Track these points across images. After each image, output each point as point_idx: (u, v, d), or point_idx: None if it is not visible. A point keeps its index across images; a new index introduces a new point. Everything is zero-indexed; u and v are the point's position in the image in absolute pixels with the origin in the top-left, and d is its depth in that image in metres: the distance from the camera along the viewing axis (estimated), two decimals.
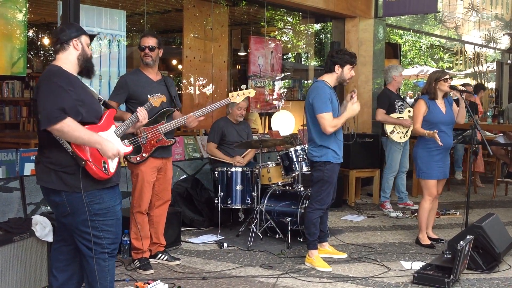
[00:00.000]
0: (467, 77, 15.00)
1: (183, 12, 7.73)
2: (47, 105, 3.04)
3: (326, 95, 4.74)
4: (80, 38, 3.31)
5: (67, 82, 3.15)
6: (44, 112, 3.04)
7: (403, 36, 17.29)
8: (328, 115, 4.70)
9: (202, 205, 6.25)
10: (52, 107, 3.03)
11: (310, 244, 4.92)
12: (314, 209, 4.89)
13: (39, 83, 3.18)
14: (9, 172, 5.11)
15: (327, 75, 4.89)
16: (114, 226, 3.30)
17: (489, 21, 14.28)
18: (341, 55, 4.82)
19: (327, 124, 4.70)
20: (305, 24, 11.65)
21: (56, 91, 3.08)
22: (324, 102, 4.71)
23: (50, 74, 3.19)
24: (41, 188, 3.28)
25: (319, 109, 4.72)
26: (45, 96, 3.08)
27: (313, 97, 4.79)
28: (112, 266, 3.36)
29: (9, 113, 9.30)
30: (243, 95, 4.79)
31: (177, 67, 12.00)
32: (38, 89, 3.14)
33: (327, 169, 4.82)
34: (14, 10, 5.26)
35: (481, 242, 4.70)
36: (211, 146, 6.22)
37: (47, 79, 3.15)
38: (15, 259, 3.80)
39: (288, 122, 10.15)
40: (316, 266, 4.82)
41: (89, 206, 3.17)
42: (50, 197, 3.25)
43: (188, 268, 4.82)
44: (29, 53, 10.79)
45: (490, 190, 8.61)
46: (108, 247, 3.28)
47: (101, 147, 3.16)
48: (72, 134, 3.06)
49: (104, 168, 3.18)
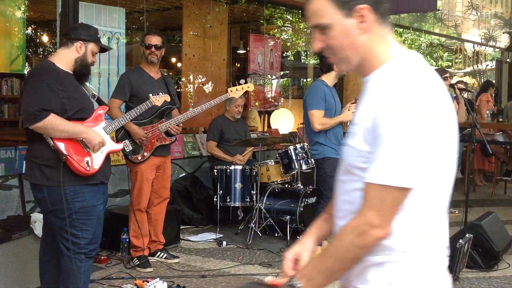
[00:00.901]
0: (466, 76, 14.99)
1: (182, 10, 7.71)
2: (30, 103, 3.05)
3: (320, 93, 4.84)
4: (87, 43, 3.29)
5: (57, 80, 3.14)
6: (27, 111, 3.05)
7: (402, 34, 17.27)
8: (317, 112, 4.79)
9: (201, 203, 6.25)
10: (35, 106, 3.03)
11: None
12: (323, 206, 4.90)
13: (27, 78, 3.19)
14: (8, 169, 5.10)
15: (325, 75, 4.98)
16: (94, 226, 3.26)
17: (489, 19, 14.27)
18: None
19: (315, 121, 4.80)
20: (304, 22, 11.63)
21: (41, 89, 3.07)
22: (316, 100, 4.82)
23: (40, 71, 3.19)
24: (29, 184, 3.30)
25: (310, 106, 4.85)
26: (30, 93, 3.08)
27: (307, 94, 4.96)
28: (89, 267, 3.31)
29: (8, 110, 9.28)
30: (242, 89, 4.79)
31: (176, 65, 11.98)
32: (25, 84, 3.15)
33: (327, 165, 4.86)
34: (13, 7, 5.25)
35: (480, 240, 4.70)
36: (212, 145, 6.21)
37: (35, 76, 3.15)
38: (14, 257, 3.79)
39: (287, 120, 10.14)
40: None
41: (70, 204, 3.15)
42: (34, 193, 3.27)
43: (187, 266, 4.82)
44: (28, 50, 10.76)
45: (489, 189, 8.61)
46: (85, 248, 3.23)
47: (87, 136, 3.18)
48: (56, 130, 3.08)
49: (86, 164, 3.17)
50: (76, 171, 3.15)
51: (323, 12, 1.50)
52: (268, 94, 8.81)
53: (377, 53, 1.51)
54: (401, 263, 1.47)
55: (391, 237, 1.44)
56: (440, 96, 1.43)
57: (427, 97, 1.39)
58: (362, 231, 1.42)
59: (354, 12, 1.47)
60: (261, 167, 5.93)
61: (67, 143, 3.13)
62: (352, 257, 1.46)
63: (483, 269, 4.73)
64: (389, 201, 1.39)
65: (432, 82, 1.45)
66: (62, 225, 3.17)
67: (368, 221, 1.41)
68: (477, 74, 14.39)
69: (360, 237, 1.43)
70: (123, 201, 5.85)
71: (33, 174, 3.18)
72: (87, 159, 3.19)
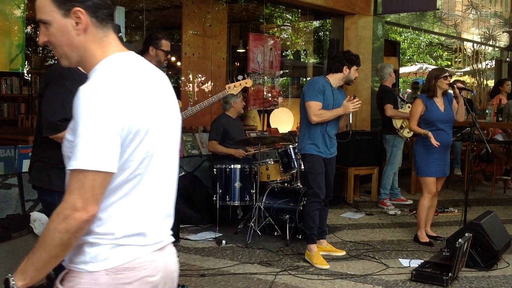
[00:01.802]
0: (466, 75, 15.00)
1: (182, 9, 7.70)
2: (52, 112, 2.95)
3: (318, 85, 4.87)
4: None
5: (78, 83, 3.06)
6: (48, 119, 2.95)
7: (402, 33, 17.27)
8: (314, 104, 4.82)
9: (201, 202, 6.24)
10: (57, 115, 2.93)
11: (308, 238, 4.96)
12: (310, 202, 4.98)
13: (48, 81, 3.06)
14: (7, 168, 5.10)
15: (331, 75, 4.99)
16: None
17: (488, 18, 14.27)
18: (348, 56, 4.98)
19: (312, 112, 4.81)
20: (304, 21, 11.63)
21: (61, 96, 2.98)
22: (314, 91, 4.85)
23: (62, 75, 3.07)
24: (33, 187, 3.16)
25: (307, 97, 4.87)
26: (51, 100, 2.98)
27: (306, 86, 5.01)
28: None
29: (7, 109, 9.28)
30: (240, 86, 4.78)
31: (176, 64, 11.98)
32: (46, 87, 3.04)
33: (308, 161, 4.95)
34: (13, 6, 5.24)
35: (479, 239, 4.70)
36: (213, 144, 6.17)
37: (56, 79, 3.04)
38: (13, 256, 3.79)
39: (286, 120, 10.13)
40: (314, 263, 4.83)
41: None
42: (42, 197, 3.14)
43: (187, 265, 4.82)
44: (28, 49, 10.75)
45: (488, 188, 8.61)
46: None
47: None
48: None
49: None
50: None
51: (45, 9, 1.64)
52: (267, 93, 8.81)
53: (93, 53, 1.66)
54: (107, 243, 1.57)
55: (98, 219, 1.55)
56: (126, 93, 1.57)
57: (109, 94, 1.53)
58: (66, 216, 1.50)
59: (72, 13, 1.61)
60: (260, 166, 5.93)
61: None
62: (59, 243, 1.52)
63: (482, 268, 4.74)
64: (88, 184, 1.50)
65: (122, 82, 1.58)
66: None
67: (71, 205, 1.51)
68: (476, 73, 14.38)
69: (65, 222, 1.50)
70: None
71: (44, 178, 3.07)
72: None
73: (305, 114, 4.91)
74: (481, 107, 13.30)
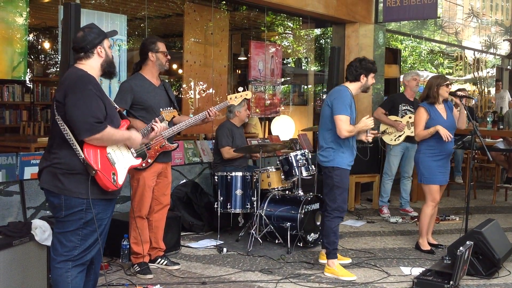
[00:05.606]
0: (466, 83, 15.02)
1: (183, 17, 7.73)
2: (85, 114, 3.03)
3: (347, 99, 4.73)
4: (103, 43, 3.29)
5: (98, 88, 3.17)
6: (84, 121, 3.02)
7: (403, 41, 17.31)
8: (345, 118, 4.66)
9: (202, 209, 6.24)
10: (91, 117, 3.03)
11: (330, 253, 4.80)
12: (333, 217, 4.79)
13: (67, 87, 3.10)
14: (9, 176, 5.11)
15: (349, 83, 4.87)
16: (93, 238, 3.23)
17: (489, 26, 14.31)
18: (365, 64, 4.82)
19: (343, 128, 4.63)
20: (305, 29, 11.66)
21: (90, 99, 3.07)
22: (344, 105, 4.68)
23: (83, 80, 3.14)
24: (41, 188, 3.25)
25: (338, 110, 4.68)
26: (80, 104, 3.04)
27: (334, 98, 4.76)
28: (79, 279, 3.23)
29: (9, 117, 9.31)
30: (241, 97, 4.87)
31: (177, 72, 12.01)
32: (69, 93, 3.07)
33: (337, 174, 4.74)
34: (15, 14, 5.27)
35: (480, 248, 4.70)
36: (228, 149, 6.13)
37: (81, 85, 3.10)
38: (15, 263, 3.79)
39: (288, 127, 10.15)
40: (340, 276, 4.71)
41: (83, 214, 3.14)
42: (50, 198, 3.23)
43: (188, 272, 4.82)
44: (30, 57, 10.80)
45: (489, 196, 8.60)
46: (76, 256, 3.19)
47: (130, 138, 3.30)
48: (110, 140, 3.14)
49: (113, 180, 3.16)
50: (102, 186, 3.13)
51: None
52: (268, 101, 8.82)
53: None
54: None
55: None
56: None
57: None
58: None
59: None
60: (261, 173, 5.93)
61: (96, 156, 3.10)
62: None
63: (483, 276, 4.73)
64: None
65: None
66: (66, 231, 3.18)
67: None
68: (477, 81, 14.40)
69: None
70: (123, 207, 5.85)
71: (56, 183, 3.13)
72: (113, 174, 3.17)
73: (329, 124, 4.77)
74: (482, 114, 13.32)
